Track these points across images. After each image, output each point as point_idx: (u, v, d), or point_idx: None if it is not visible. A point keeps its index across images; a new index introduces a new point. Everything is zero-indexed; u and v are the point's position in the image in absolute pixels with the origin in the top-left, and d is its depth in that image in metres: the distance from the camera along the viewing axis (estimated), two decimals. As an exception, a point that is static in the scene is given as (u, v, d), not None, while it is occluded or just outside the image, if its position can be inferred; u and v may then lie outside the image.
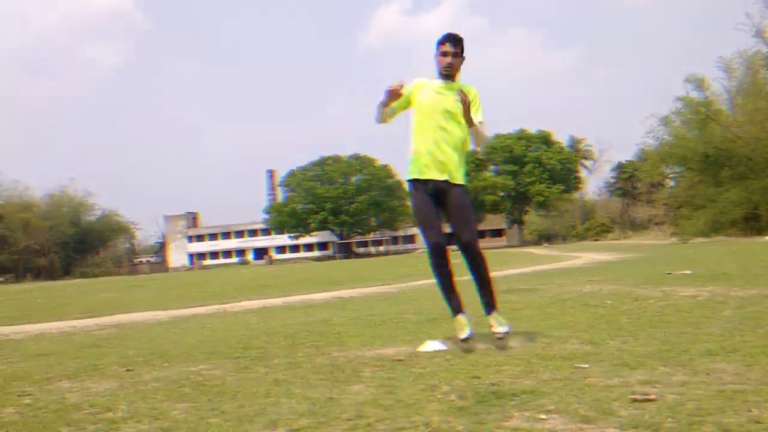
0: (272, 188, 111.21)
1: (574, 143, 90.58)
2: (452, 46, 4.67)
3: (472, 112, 4.59)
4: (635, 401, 2.87)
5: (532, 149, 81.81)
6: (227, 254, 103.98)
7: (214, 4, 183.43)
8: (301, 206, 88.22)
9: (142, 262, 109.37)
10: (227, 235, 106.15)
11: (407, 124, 4.90)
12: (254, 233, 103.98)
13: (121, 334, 7.43)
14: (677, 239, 34.97)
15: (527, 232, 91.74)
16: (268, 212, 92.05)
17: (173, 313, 9.99)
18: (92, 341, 6.75)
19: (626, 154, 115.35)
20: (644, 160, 55.40)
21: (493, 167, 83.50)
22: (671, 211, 47.20)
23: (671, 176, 49.40)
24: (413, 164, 4.68)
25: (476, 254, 4.66)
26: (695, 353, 3.84)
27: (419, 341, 4.89)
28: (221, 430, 2.90)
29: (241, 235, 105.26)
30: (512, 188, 79.38)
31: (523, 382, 3.41)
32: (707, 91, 37.18)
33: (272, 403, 3.31)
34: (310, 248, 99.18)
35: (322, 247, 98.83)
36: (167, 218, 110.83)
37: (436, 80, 4.75)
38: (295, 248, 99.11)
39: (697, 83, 37.17)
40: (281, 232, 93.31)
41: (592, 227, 73.23)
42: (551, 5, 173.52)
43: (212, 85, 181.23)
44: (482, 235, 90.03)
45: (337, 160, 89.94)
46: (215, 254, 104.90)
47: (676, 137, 38.36)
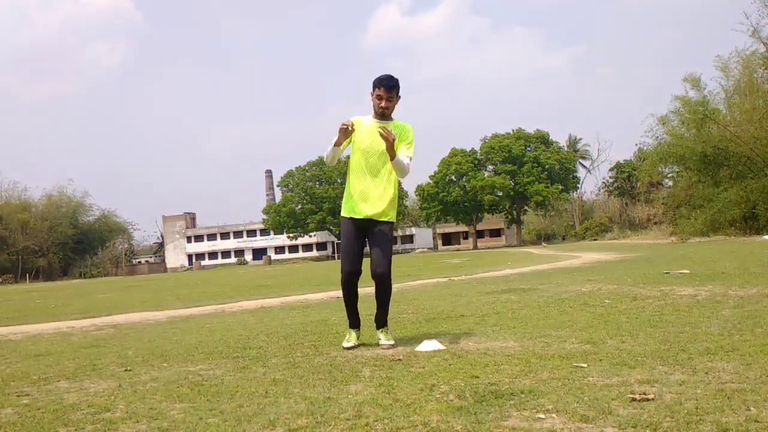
0: (270, 188, 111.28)
1: (572, 143, 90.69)
2: (387, 91, 5.00)
3: (402, 148, 5.00)
4: (634, 400, 2.87)
5: (530, 149, 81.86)
6: (226, 254, 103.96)
7: (213, 4, 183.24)
8: (299, 206, 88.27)
9: (140, 262, 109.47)
10: (226, 235, 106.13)
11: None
12: (252, 233, 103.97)
13: (119, 334, 7.42)
14: (676, 239, 34.98)
15: (526, 231, 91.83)
16: (266, 212, 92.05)
17: (171, 313, 9.99)
18: (90, 341, 6.75)
19: (625, 153, 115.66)
20: (642, 159, 55.50)
21: (491, 167, 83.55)
22: (670, 210, 47.20)
23: (670, 176, 49.44)
24: (347, 203, 5.15)
25: (385, 284, 5.11)
26: (694, 352, 3.84)
27: (417, 341, 4.89)
28: (220, 429, 2.89)
29: (239, 235, 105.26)
30: (510, 188, 79.41)
31: (521, 381, 3.41)
32: (704, 90, 37.23)
33: (271, 402, 3.31)
34: (308, 248, 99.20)
35: (320, 247, 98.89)
36: (165, 218, 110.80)
37: (372, 119, 5.07)
38: (293, 248, 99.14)
39: (694, 83, 37.22)
40: (279, 232, 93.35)
41: (590, 227, 73.24)
42: (551, 5, 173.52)
43: (211, 85, 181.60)
44: (481, 235, 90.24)
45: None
46: (214, 254, 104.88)
47: (674, 137, 38.38)
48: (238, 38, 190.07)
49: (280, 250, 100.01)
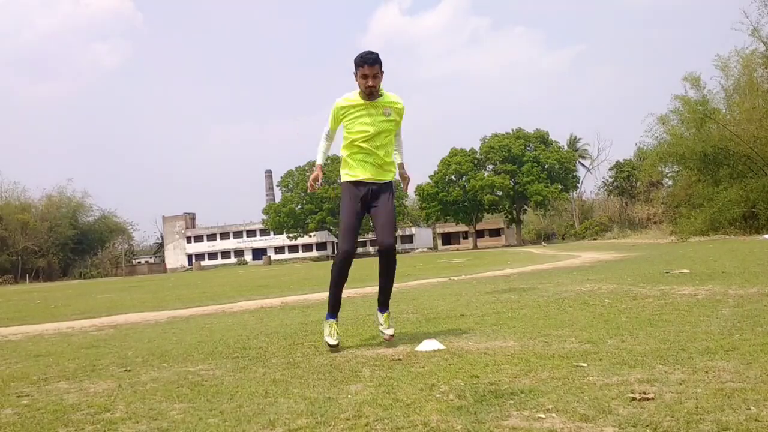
0: (270, 188, 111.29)
1: (572, 142, 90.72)
2: (370, 68, 4.86)
3: (397, 133, 5.14)
4: (634, 400, 2.87)
5: (529, 148, 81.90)
6: (225, 255, 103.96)
7: (213, 5, 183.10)
8: (299, 206, 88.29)
9: (140, 262, 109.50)
10: (225, 235, 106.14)
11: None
12: (252, 234, 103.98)
13: (119, 334, 7.42)
14: (675, 238, 34.99)
15: (525, 231, 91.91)
16: (266, 212, 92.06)
17: (171, 313, 9.99)
18: (90, 342, 6.75)
19: (625, 153, 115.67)
20: (642, 159, 55.51)
21: (491, 167, 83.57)
22: (669, 209, 47.22)
23: (669, 175, 49.45)
24: (345, 167, 5.09)
25: (392, 258, 5.00)
26: (694, 351, 3.84)
27: (417, 341, 4.89)
28: (220, 430, 2.89)
29: (239, 235, 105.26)
30: (510, 187, 79.45)
31: (521, 381, 3.40)
32: (704, 89, 37.23)
33: (270, 402, 3.30)
34: (308, 248, 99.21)
35: (320, 247, 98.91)
36: (165, 219, 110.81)
37: (359, 99, 4.97)
38: (293, 248, 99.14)
39: (694, 82, 37.21)
40: (279, 232, 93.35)
41: (590, 226, 73.29)
42: (551, 4, 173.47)
43: (211, 85, 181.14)
44: (481, 234, 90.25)
45: (334, 159, 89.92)
46: (213, 255, 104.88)
47: (674, 136, 38.39)
48: (238, 39, 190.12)
49: (280, 250, 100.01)
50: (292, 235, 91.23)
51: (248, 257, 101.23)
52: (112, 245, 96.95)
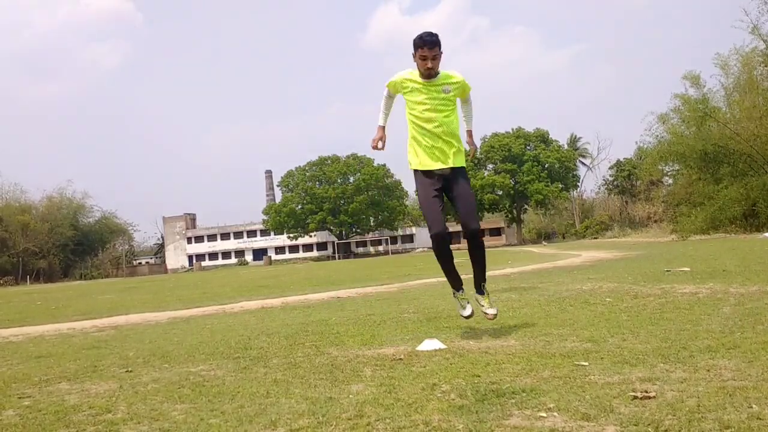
0: (270, 188, 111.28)
1: (572, 141, 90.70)
2: (430, 49, 4.85)
3: (463, 106, 5.21)
4: (635, 398, 2.87)
5: (530, 148, 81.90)
6: (226, 255, 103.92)
7: (213, 5, 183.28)
8: (299, 206, 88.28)
9: (140, 263, 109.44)
10: (226, 236, 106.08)
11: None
12: (253, 234, 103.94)
13: (120, 335, 7.42)
14: (676, 236, 34.97)
15: (526, 230, 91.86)
16: (266, 213, 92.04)
17: (172, 314, 9.98)
18: (91, 343, 6.74)
19: (625, 152, 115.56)
20: (641, 158, 55.49)
21: (491, 166, 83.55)
22: (670, 208, 47.18)
23: (670, 174, 49.42)
24: (414, 156, 5.02)
25: (480, 240, 5.10)
26: (695, 350, 3.84)
27: (419, 340, 4.89)
28: (221, 430, 2.89)
29: (239, 236, 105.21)
30: (510, 187, 79.44)
31: (522, 380, 3.40)
32: (704, 88, 37.19)
33: (272, 403, 3.31)
34: (309, 248, 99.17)
35: (320, 247, 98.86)
36: (165, 219, 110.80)
37: (418, 78, 4.96)
38: (294, 249, 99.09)
39: (694, 80, 37.18)
40: (280, 232, 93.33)
41: (590, 225, 73.26)
42: (551, 3, 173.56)
43: (211, 85, 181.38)
44: (481, 233, 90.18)
45: (335, 160, 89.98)
46: (214, 255, 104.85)
47: (674, 135, 38.35)
48: (238, 38, 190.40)
49: (280, 250, 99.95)
50: (292, 235, 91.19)
51: (249, 257, 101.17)
52: (112, 246, 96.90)
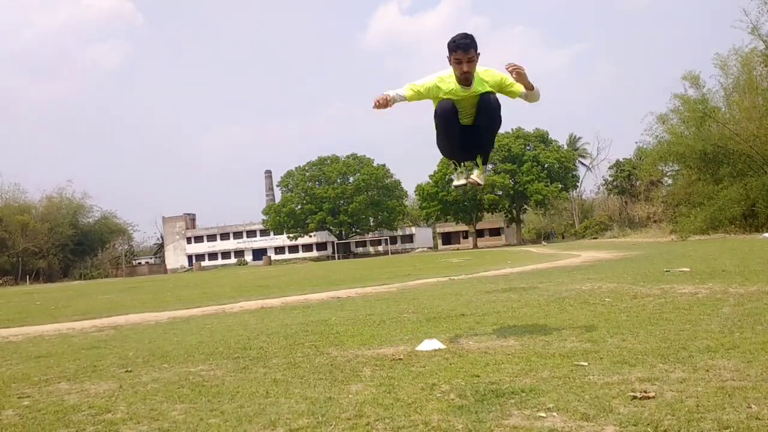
0: (270, 189, 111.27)
1: (572, 141, 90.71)
2: (465, 53, 4.69)
3: (515, 86, 4.90)
4: (635, 398, 2.87)
5: (529, 148, 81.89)
6: (226, 255, 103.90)
7: (212, 5, 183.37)
8: (299, 206, 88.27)
9: (140, 263, 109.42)
10: (225, 236, 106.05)
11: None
12: (252, 234, 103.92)
13: (119, 335, 7.42)
14: (676, 237, 34.99)
15: (525, 230, 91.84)
16: (266, 213, 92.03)
17: (172, 314, 9.98)
18: (91, 343, 6.75)
19: (625, 152, 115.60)
20: (641, 158, 55.50)
21: (490, 166, 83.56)
22: (669, 208, 47.19)
23: (669, 174, 49.46)
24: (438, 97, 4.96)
25: (495, 110, 4.93)
26: (694, 350, 3.84)
27: (418, 340, 4.89)
28: (221, 430, 2.90)
29: (239, 236, 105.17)
30: (510, 187, 79.41)
31: (522, 380, 3.41)
32: (704, 88, 37.22)
33: (271, 403, 3.31)
34: (308, 248, 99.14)
35: (320, 247, 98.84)
36: (165, 220, 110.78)
37: (456, 86, 4.83)
38: (293, 249, 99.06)
39: (693, 81, 37.21)
40: (279, 232, 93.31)
41: (590, 225, 73.27)
42: (551, 3, 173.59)
43: (211, 85, 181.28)
44: (480, 234, 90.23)
45: (334, 160, 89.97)
46: (214, 255, 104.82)
47: (673, 135, 38.39)
48: (237, 38, 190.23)
49: (280, 250, 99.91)
50: (292, 235, 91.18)
51: (248, 258, 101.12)
52: (112, 246, 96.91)
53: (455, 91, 4.81)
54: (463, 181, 5.29)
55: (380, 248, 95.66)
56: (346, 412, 3.00)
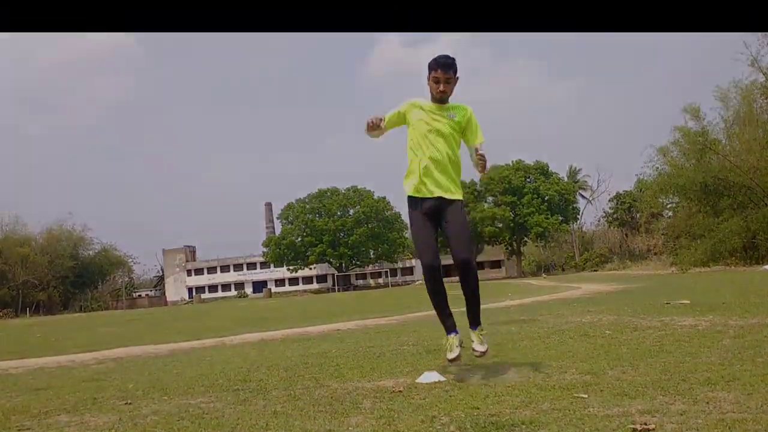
0: (270, 221, 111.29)
1: (572, 174, 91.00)
2: (444, 72, 4.76)
3: (472, 138, 4.85)
4: (635, 431, 2.87)
5: (529, 180, 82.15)
6: (226, 287, 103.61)
7: (213, 40, 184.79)
8: (299, 239, 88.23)
9: (140, 296, 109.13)
10: (226, 268, 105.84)
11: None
12: (253, 266, 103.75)
13: (120, 367, 7.41)
14: (676, 269, 34.96)
15: (525, 263, 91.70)
16: (266, 245, 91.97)
17: (172, 346, 9.96)
18: (91, 375, 6.73)
19: (625, 184, 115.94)
20: (641, 190, 55.64)
21: (491, 198, 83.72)
22: (670, 241, 47.24)
23: (669, 206, 49.56)
24: (408, 180, 4.91)
25: (472, 271, 4.90)
26: (694, 382, 3.84)
27: (418, 372, 4.88)
28: (220, 462, 2.89)
29: (239, 268, 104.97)
30: (510, 219, 79.49)
31: (522, 412, 3.41)
32: (704, 120, 37.48)
33: (271, 435, 3.30)
34: (309, 281, 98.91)
35: (320, 279, 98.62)
36: (165, 252, 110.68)
37: (428, 102, 4.90)
38: (293, 281, 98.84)
39: (693, 113, 37.47)
40: (280, 265, 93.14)
41: (590, 258, 73.24)
42: (551, 36, 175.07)
43: (211, 119, 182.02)
44: (481, 266, 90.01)
45: (334, 192, 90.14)
46: (214, 287, 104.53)
47: (674, 167, 38.55)
48: (238, 73, 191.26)
49: (280, 282, 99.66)
50: (292, 267, 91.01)
51: (249, 290, 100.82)
52: (112, 278, 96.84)
53: (430, 107, 4.86)
54: (456, 352, 4.84)
55: (380, 280, 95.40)
56: (346, 444, 3.00)
